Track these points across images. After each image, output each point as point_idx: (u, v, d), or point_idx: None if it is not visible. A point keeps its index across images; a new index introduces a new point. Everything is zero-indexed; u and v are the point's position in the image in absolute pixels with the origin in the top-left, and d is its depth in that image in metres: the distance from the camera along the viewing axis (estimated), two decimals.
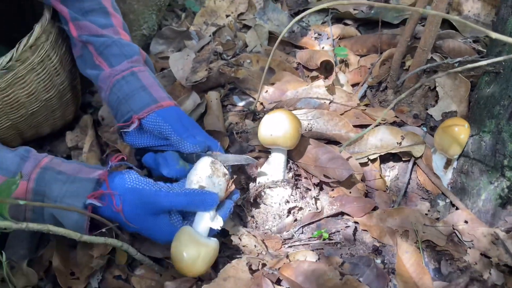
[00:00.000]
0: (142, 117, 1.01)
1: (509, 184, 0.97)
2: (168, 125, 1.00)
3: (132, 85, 1.05)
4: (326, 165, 1.05)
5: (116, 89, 1.06)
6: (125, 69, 1.07)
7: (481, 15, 1.36)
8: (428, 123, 1.19)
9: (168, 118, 1.02)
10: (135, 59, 1.09)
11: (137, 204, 0.87)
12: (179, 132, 1.00)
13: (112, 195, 0.86)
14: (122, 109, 1.05)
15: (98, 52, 1.09)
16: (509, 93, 1.01)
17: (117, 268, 0.99)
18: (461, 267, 0.95)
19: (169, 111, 1.03)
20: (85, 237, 0.81)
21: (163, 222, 0.88)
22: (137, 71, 1.07)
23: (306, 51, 1.43)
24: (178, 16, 1.68)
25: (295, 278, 0.85)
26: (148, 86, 1.06)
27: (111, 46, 1.09)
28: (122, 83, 1.05)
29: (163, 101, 1.04)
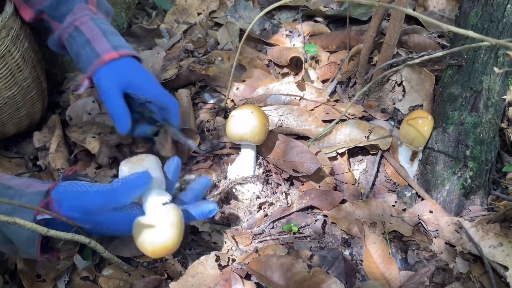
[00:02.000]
0: (89, 75, 0.99)
1: (471, 174, 0.99)
2: (99, 89, 0.99)
3: (78, 42, 1.00)
4: (295, 160, 1.06)
5: (69, 47, 1.03)
6: (68, 25, 1.02)
7: (446, 10, 1.39)
8: (395, 117, 1.21)
9: (99, 82, 0.99)
10: (77, 8, 1.02)
11: (71, 207, 0.82)
12: (106, 100, 0.99)
13: (51, 201, 0.81)
14: (80, 68, 1.04)
15: (52, 17, 1.04)
16: (471, 85, 1.04)
17: (84, 269, 0.97)
18: (427, 257, 0.97)
19: (103, 73, 0.98)
20: (51, 232, 0.78)
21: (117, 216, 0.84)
22: (78, 24, 1.01)
23: (277, 48, 1.43)
24: (149, 14, 1.66)
25: (264, 272, 0.85)
26: (92, 39, 1.00)
27: (58, 5, 1.03)
28: (71, 40, 1.02)
29: (106, 54, 0.98)
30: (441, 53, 0.78)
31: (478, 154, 0.99)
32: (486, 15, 1.08)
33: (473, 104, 1.02)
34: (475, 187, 1.00)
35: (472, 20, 1.10)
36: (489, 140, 1.01)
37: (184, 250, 1.00)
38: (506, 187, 1.05)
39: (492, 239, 0.92)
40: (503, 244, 0.91)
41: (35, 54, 1.19)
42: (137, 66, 1.04)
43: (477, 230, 0.94)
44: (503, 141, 1.11)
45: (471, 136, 1.00)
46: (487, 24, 1.07)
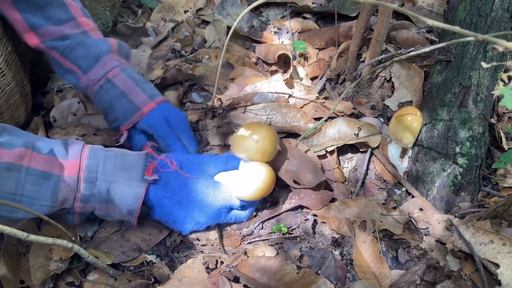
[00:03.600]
0: (129, 127, 1.07)
1: (461, 170, 0.98)
2: (153, 131, 1.06)
3: (112, 94, 1.06)
4: (297, 170, 1.02)
5: (98, 99, 1.08)
6: (100, 77, 1.06)
7: (435, 5, 1.38)
8: (385, 114, 1.20)
9: (153, 124, 1.06)
10: (105, 60, 1.07)
11: (187, 161, 0.95)
12: (164, 138, 1.06)
13: (165, 158, 0.93)
14: (109, 118, 1.10)
15: (64, 56, 1.07)
16: (460, 80, 1.02)
17: (69, 274, 0.95)
18: (418, 255, 0.95)
19: (152, 116, 1.06)
20: (32, 236, 0.76)
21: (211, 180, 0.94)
22: (111, 77, 1.06)
23: (265, 45, 1.42)
24: (134, 13, 1.63)
25: (252, 274, 0.84)
26: (127, 91, 1.06)
27: (75, 48, 1.06)
28: (102, 93, 1.06)
29: (145, 106, 1.06)
30: (428, 48, 0.77)
31: (467, 150, 0.98)
32: (474, 10, 1.07)
33: (462, 100, 1.01)
34: (465, 184, 0.99)
35: (460, 15, 1.09)
36: (478, 136, 1.00)
37: (171, 253, 0.98)
38: (496, 183, 1.04)
39: (483, 236, 0.91)
40: (494, 241, 0.90)
41: (19, 58, 1.16)
42: (172, 107, 1.12)
43: (467, 228, 0.93)
44: (493, 137, 1.10)
45: (461, 132, 0.99)
46: (475, 18, 1.06)
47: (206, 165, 0.96)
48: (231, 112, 1.22)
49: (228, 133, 1.17)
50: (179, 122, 1.10)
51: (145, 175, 0.89)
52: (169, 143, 1.07)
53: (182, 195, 0.93)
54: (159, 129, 1.07)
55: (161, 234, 1.00)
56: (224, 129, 1.16)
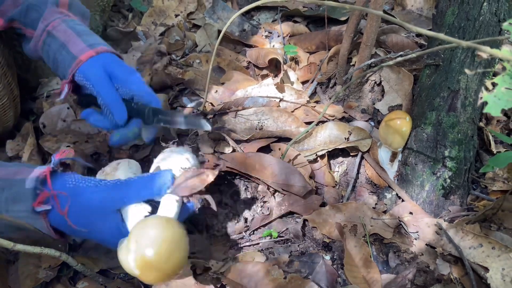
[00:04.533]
0: (69, 80, 0.93)
1: (451, 174, 0.99)
2: (89, 84, 0.91)
3: (53, 48, 0.95)
4: (285, 182, 1.03)
5: (45, 56, 0.98)
6: (41, 32, 0.96)
7: (424, 9, 1.39)
8: (375, 117, 1.20)
9: (88, 75, 0.92)
10: (47, 14, 0.97)
11: (80, 205, 0.78)
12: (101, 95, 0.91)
13: (55, 197, 0.77)
14: (59, 75, 0.98)
15: (23, 24, 0.99)
16: (449, 85, 1.03)
17: (59, 282, 0.94)
18: (408, 259, 0.96)
19: (88, 66, 0.92)
20: (19, 246, 0.76)
21: (112, 223, 0.78)
22: (51, 29, 0.96)
23: (255, 49, 1.42)
24: (125, 17, 1.63)
25: (240, 280, 0.83)
26: (66, 41, 0.94)
27: (28, 11, 0.98)
28: (46, 48, 0.97)
29: (83, 53, 0.93)
30: (416, 53, 0.77)
31: (456, 154, 0.99)
32: (463, 14, 1.08)
33: (451, 104, 1.01)
34: (454, 187, 0.99)
35: (448, 19, 1.10)
36: (467, 139, 1.00)
37: None
38: (485, 186, 1.05)
39: (472, 240, 0.92)
40: (483, 245, 0.90)
41: (5, 60, 1.15)
42: (117, 60, 0.97)
43: (457, 231, 0.94)
44: (482, 140, 1.11)
45: (449, 136, 0.99)
46: (463, 22, 1.07)
47: (108, 200, 0.78)
48: (222, 116, 1.22)
49: (219, 139, 1.16)
50: (125, 75, 0.94)
51: (35, 207, 0.77)
52: (107, 102, 0.90)
53: (80, 235, 0.83)
54: (96, 82, 0.91)
55: None
56: (215, 134, 1.16)
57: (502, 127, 1.15)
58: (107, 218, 0.78)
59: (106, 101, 0.91)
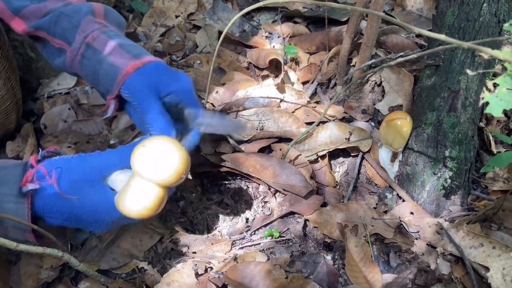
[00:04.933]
0: (115, 96, 0.89)
1: (451, 174, 0.99)
2: (133, 99, 0.87)
3: (93, 61, 0.90)
4: (286, 182, 1.03)
5: (84, 72, 0.93)
6: (79, 45, 0.91)
7: (424, 9, 1.39)
8: (376, 118, 1.21)
9: (132, 90, 0.87)
10: (83, 25, 0.91)
11: (68, 172, 0.77)
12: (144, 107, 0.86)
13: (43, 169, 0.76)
14: (100, 90, 0.94)
15: (51, 34, 0.94)
16: (449, 85, 1.03)
17: (60, 282, 0.95)
18: (409, 259, 0.96)
19: (132, 81, 0.87)
20: (21, 246, 0.75)
21: (100, 191, 0.78)
22: (91, 41, 0.90)
23: (256, 50, 1.42)
24: (126, 18, 1.63)
25: (241, 280, 0.84)
26: (107, 54, 0.89)
27: (58, 21, 0.93)
28: (85, 62, 0.91)
29: (126, 66, 0.87)
30: (417, 54, 0.77)
31: (457, 154, 0.99)
32: (463, 14, 1.08)
33: (451, 104, 1.02)
34: (455, 187, 0.99)
35: (448, 20, 1.10)
36: (467, 139, 1.01)
37: (163, 260, 0.98)
38: (486, 186, 1.05)
39: (472, 239, 0.92)
40: (483, 245, 0.91)
41: (10, 64, 1.15)
42: (163, 68, 0.92)
43: (457, 231, 0.94)
44: (482, 140, 1.11)
45: (450, 136, 1.00)
46: (463, 23, 1.07)
47: (94, 170, 0.78)
48: None
49: (220, 139, 1.17)
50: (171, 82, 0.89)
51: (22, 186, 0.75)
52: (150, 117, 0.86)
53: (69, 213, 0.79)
54: (141, 100, 0.87)
55: (152, 239, 1.00)
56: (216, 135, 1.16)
57: (502, 127, 1.15)
58: (95, 187, 0.78)
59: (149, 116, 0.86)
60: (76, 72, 0.96)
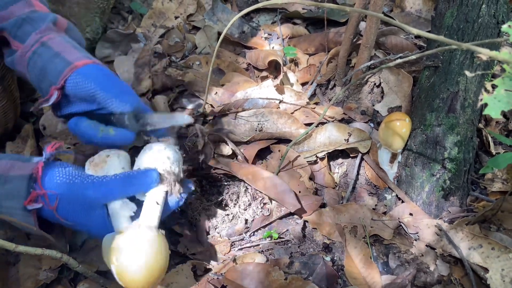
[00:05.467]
0: (61, 85, 0.89)
1: (450, 175, 0.99)
2: (90, 82, 0.88)
3: (45, 56, 0.92)
4: (277, 198, 1.03)
5: (31, 67, 0.93)
6: (34, 42, 0.93)
7: (423, 11, 1.40)
8: (375, 119, 1.21)
9: (89, 75, 0.89)
10: (43, 28, 0.94)
11: (68, 200, 0.80)
12: (106, 88, 0.88)
13: (45, 195, 0.79)
14: (44, 87, 0.93)
15: (13, 36, 0.96)
16: (448, 86, 1.04)
17: (59, 283, 0.94)
18: (408, 260, 0.96)
19: (89, 68, 0.90)
20: (21, 247, 0.76)
21: (98, 217, 0.80)
22: (46, 40, 0.93)
23: (255, 51, 1.42)
24: (125, 19, 1.63)
25: (241, 281, 0.84)
26: (61, 51, 0.92)
27: (22, 25, 0.95)
28: (35, 58, 0.93)
29: (79, 61, 0.90)
30: (416, 55, 0.77)
31: (456, 155, 0.99)
32: (462, 16, 1.09)
33: (450, 105, 1.02)
34: (454, 189, 0.99)
35: (447, 21, 1.11)
36: (466, 141, 1.01)
37: None
38: (485, 187, 1.05)
39: (471, 241, 0.92)
40: (482, 246, 0.91)
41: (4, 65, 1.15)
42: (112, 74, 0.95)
43: (456, 232, 0.94)
44: (481, 142, 1.11)
45: (449, 137, 1.00)
46: (462, 24, 1.08)
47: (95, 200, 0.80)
48: (222, 118, 1.22)
49: (219, 141, 1.17)
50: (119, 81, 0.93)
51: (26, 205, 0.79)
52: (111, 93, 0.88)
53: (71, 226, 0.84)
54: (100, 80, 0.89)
55: None
56: (215, 136, 1.16)
57: (501, 128, 1.15)
58: (94, 213, 0.81)
59: (112, 91, 0.88)
60: (20, 69, 0.97)
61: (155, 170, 0.81)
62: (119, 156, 0.87)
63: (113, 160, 0.85)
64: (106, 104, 0.89)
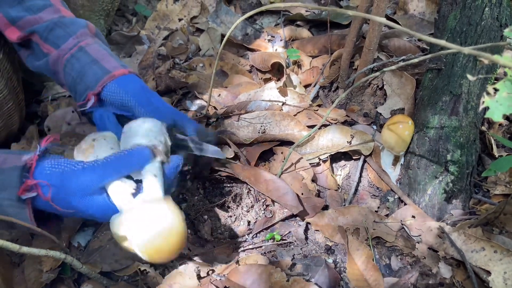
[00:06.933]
0: (98, 91, 0.94)
1: (453, 178, 0.99)
2: (128, 94, 0.94)
3: (83, 61, 0.97)
4: (278, 200, 1.04)
5: (68, 69, 0.98)
6: (72, 46, 0.98)
7: (426, 13, 1.40)
8: (377, 121, 1.21)
9: (127, 87, 0.95)
10: (80, 33, 1.00)
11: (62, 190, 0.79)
12: (141, 103, 0.94)
13: (37, 186, 0.78)
14: (79, 89, 0.98)
15: (43, 39, 1.00)
16: (451, 89, 1.04)
17: (63, 284, 0.95)
18: (411, 262, 0.96)
19: (126, 79, 0.96)
20: (24, 248, 0.76)
21: (99, 201, 0.79)
22: (84, 45, 0.99)
23: (258, 53, 1.43)
24: (129, 21, 1.64)
25: (243, 282, 0.84)
26: (99, 59, 0.98)
27: (54, 29, 1.00)
28: (73, 61, 0.98)
29: (116, 70, 0.96)
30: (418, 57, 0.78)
31: (458, 158, 0.99)
32: (465, 18, 1.09)
33: (453, 108, 1.02)
34: (456, 191, 1.00)
35: (450, 24, 1.11)
36: (469, 143, 1.01)
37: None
38: (487, 190, 1.05)
39: (474, 243, 0.92)
40: (485, 249, 0.91)
41: (11, 65, 1.17)
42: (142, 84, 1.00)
43: (459, 235, 0.94)
44: (484, 144, 1.11)
45: (452, 140, 1.00)
46: (465, 27, 1.08)
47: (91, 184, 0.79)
48: (225, 120, 1.23)
49: (222, 143, 1.17)
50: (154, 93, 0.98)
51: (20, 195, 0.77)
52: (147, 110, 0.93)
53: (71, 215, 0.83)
54: (136, 93, 0.94)
55: None
56: (218, 138, 1.16)
57: (504, 131, 1.15)
58: (93, 198, 0.79)
59: (147, 109, 0.93)
60: (55, 70, 1.01)
61: (145, 147, 0.81)
62: (106, 138, 0.86)
63: (100, 143, 0.84)
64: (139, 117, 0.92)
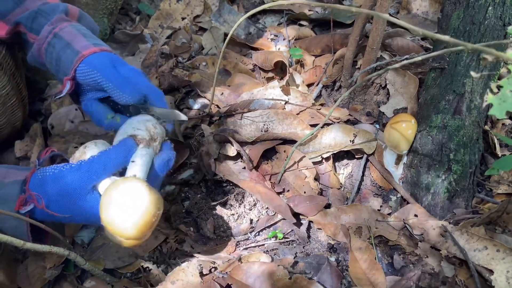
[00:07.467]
0: (72, 76, 0.91)
1: (456, 177, 0.99)
2: (96, 72, 0.90)
3: (57, 47, 0.94)
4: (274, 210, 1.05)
5: (48, 58, 0.96)
6: (47, 34, 0.96)
7: (429, 12, 1.40)
8: (380, 120, 1.21)
9: (95, 64, 0.91)
10: (55, 19, 0.97)
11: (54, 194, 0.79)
12: (109, 78, 0.90)
13: (32, 196, 0.79)
14: (59, 78, 0.96)
15: (29, 29, 0.99)
16: (454, 88, 1.03)
17: (66, 281, 0.96)
18: (413, 261, 0.96)
19: (95, 57, 0.92)
20: (28, 244, 0.77)
21: (92, 202, 0.79)
22: (58, 31, 0.95)
23: (261, 52, 1.43)
24: (132, 20, 1.65)
25: (245, 280, 0.84)
26: (71, 40, 0.94)
27: (36, 17, 0.99)
28: (50, 49, 0.95)
29: (86, 49, 0.92)
30: (422, 56, 0.78)
31: (462, 157, 0.99)
32: (468, 18, 1.08)
33: (456, 107, 1.02)
34: (459, 190, 0.99)
35: (454, 23, 1.11)
36: (472, 142, 1.01)
37: (168, 260, 0.99)
38: (490, 189, 1.05)
39: (477, 242, 0.92)
40: (488, 248, 0.91)
41: (14, 61, 1.17)
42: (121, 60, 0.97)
43: (461, 234, 0.94)
44: (487, 143, 1.11)
45: (455, 139, 1.00)
46: (468, 26, 1.07)
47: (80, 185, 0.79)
48: (227, 118, 1.23)
49: (224, 141, 1.17)
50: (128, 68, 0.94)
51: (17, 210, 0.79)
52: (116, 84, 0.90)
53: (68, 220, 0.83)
54: (104, 70, 0.90)
55: (156, 240, 1.01)
56: (221, 136, 1.17)
57: (507, 130, 1.15)
58: (85, 199, 0.79)
59: (115, 82, 0.90)
60: (42, 61, 1.00)
61: (126, 138, 0.82)
62: (97, 143, 0.87)
63: (91, 148, 0.85)
64: (111, 94, 0.91)
